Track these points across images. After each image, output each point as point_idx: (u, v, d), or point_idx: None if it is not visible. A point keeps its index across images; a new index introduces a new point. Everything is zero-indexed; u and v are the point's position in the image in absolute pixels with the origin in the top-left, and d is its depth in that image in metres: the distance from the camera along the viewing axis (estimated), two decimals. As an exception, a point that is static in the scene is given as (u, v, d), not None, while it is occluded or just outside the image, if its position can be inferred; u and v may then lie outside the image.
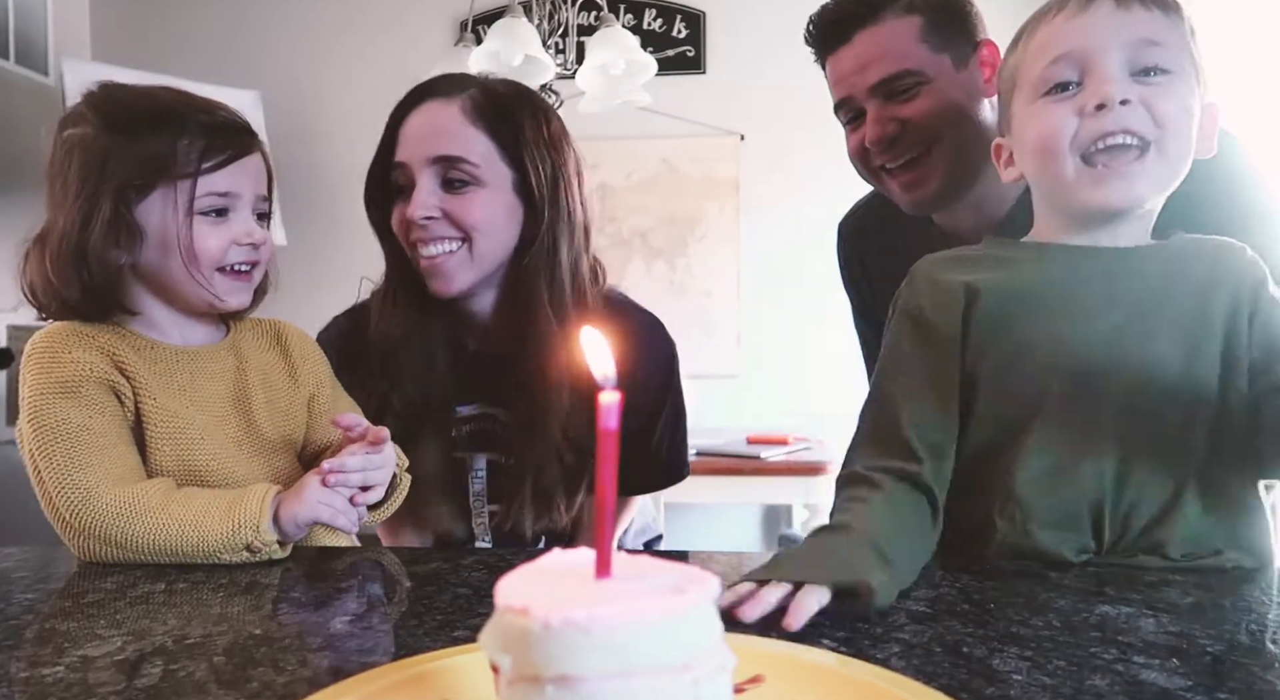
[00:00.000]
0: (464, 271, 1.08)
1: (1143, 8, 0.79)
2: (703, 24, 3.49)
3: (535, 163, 1.08)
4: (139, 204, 0.87)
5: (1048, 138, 0.80)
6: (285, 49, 3.60)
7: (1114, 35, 0.78)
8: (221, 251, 0.89)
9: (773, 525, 3.44)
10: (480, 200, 1.06)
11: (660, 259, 3.45)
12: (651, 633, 0.35)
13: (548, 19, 2.53)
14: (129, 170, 0.86)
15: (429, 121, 1.07)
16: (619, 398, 0.37)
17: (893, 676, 0.50)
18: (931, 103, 1.13)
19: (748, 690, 0.47)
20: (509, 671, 0.36)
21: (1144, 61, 0.78)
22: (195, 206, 0.87)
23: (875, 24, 1.14)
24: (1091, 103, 0.77)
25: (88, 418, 0.84)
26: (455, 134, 1.06)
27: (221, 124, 0.90)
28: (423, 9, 3.56)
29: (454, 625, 0.63)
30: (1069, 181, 0.80)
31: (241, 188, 0.90)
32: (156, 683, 0.53)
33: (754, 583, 0.66)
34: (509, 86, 1.14)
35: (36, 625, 0.65)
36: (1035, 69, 0.81)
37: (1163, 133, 0.77)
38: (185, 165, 0.87)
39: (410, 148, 1.08)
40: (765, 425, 3.13)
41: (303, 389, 1.01)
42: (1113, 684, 0.52)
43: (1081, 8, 0.80)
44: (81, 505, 0.81)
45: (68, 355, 0.85)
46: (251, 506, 0.82)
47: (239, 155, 0.90)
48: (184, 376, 0.91)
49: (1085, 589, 0.72)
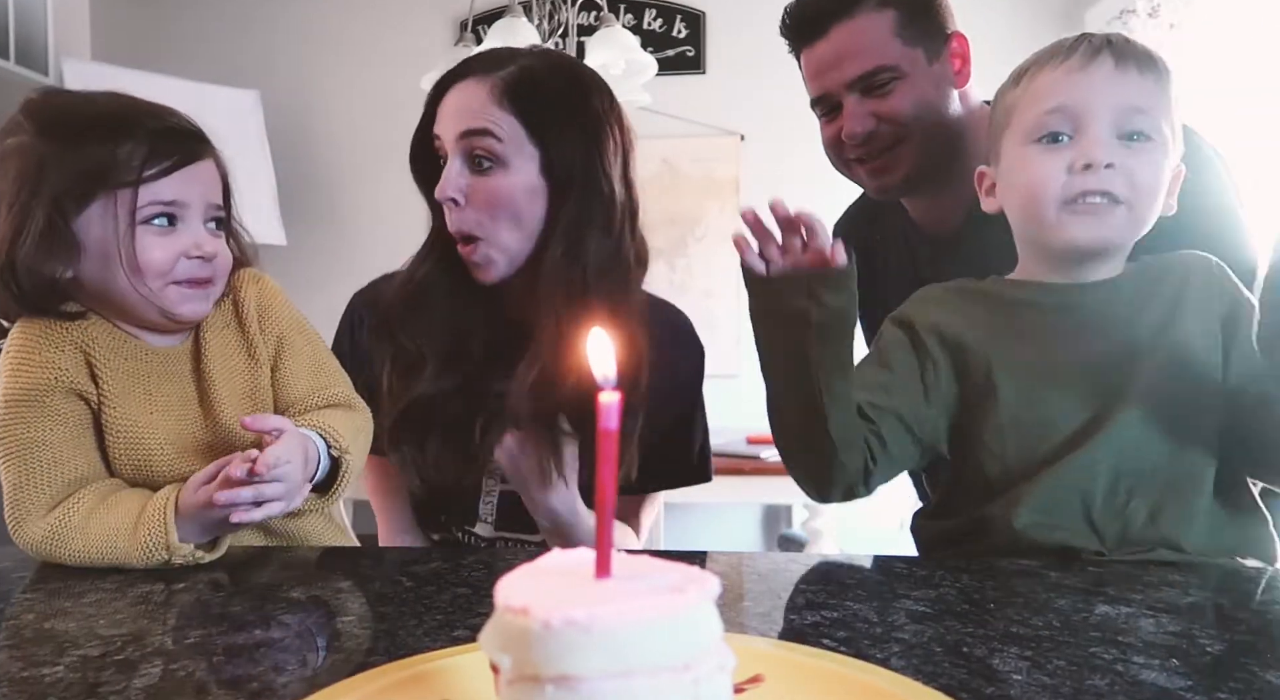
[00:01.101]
0: (496, 261, 1.06)
1: (1138, 71, 0.85)
2: (703, 24, 3.49)
3: (562, 142, 1.05)
4: (78, 215, 0.82)
5: (1037, 187, 0.86)
6: (285, 49, 3.60)
7: (1109, 97, 0.84)
8: (169, 263, 0.84)
9: (773, 525, 3.44)
10: (503, 183, 1.04)
11: (660, 259, 3.41)
12: (651, 633, 0.35)
13: (548, 19, 2.53)
14: (65, 180, 0.81)
15: (461, 98, 1.06)
16: (619, 398, 0.37)
17: (893, 676, 0.50)
18: (906, 99, 1.15)
19: (748, 690, 0.47)
20: (509, 671, 0.36)
21: (1129, 126, 0.84)
22: (139, 216, 0.82)
23: (850, 18, 1.15)
24: (1080, 162, 0.84)
25: (45, 431, 0.82)
26: (480, 112, 1.04)
27: (166, 130, 0.85)
28: (423, 9, 3.56)
29: (454, 625, 0.63)
30: (1051, 226, 0.86)
31: (190, 196, 0.85)
32: (156, 683, 0.53)
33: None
34: (550, 61, 1.11)
35: (36, 625, 0.65)
36: (1031, 113, 0.87)
37: (1136, 196, 0.84)
38: (126, 173, 0.81)
39: (444, 122, 1.07)
40: (765, 425, 3.11)
41: (263, 365, 0.95)
42: (1113, 684, 0.52)
43: (1084, 63, 0.85)
44: (15, 528, 0.81)
45: (37, 357, 0.83)
46: (154, 525, 0.79)
47: (185, 162, 0.85)
48: (151, 380, 0.88)
49: (1085, 589, 0.72)
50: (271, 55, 3.58)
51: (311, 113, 3.56)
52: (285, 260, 2.63)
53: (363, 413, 0.98)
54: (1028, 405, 0.87)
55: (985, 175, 0.95)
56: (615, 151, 1.09)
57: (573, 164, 1.05)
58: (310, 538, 0.96)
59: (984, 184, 0.95)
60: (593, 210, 1.06)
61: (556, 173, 1.05)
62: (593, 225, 1.06)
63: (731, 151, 3.43)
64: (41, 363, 0.83)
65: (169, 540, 0.78)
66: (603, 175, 1.07)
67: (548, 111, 1.05)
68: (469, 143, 1.04)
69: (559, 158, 1.05)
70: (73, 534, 0.80)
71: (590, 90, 1.10)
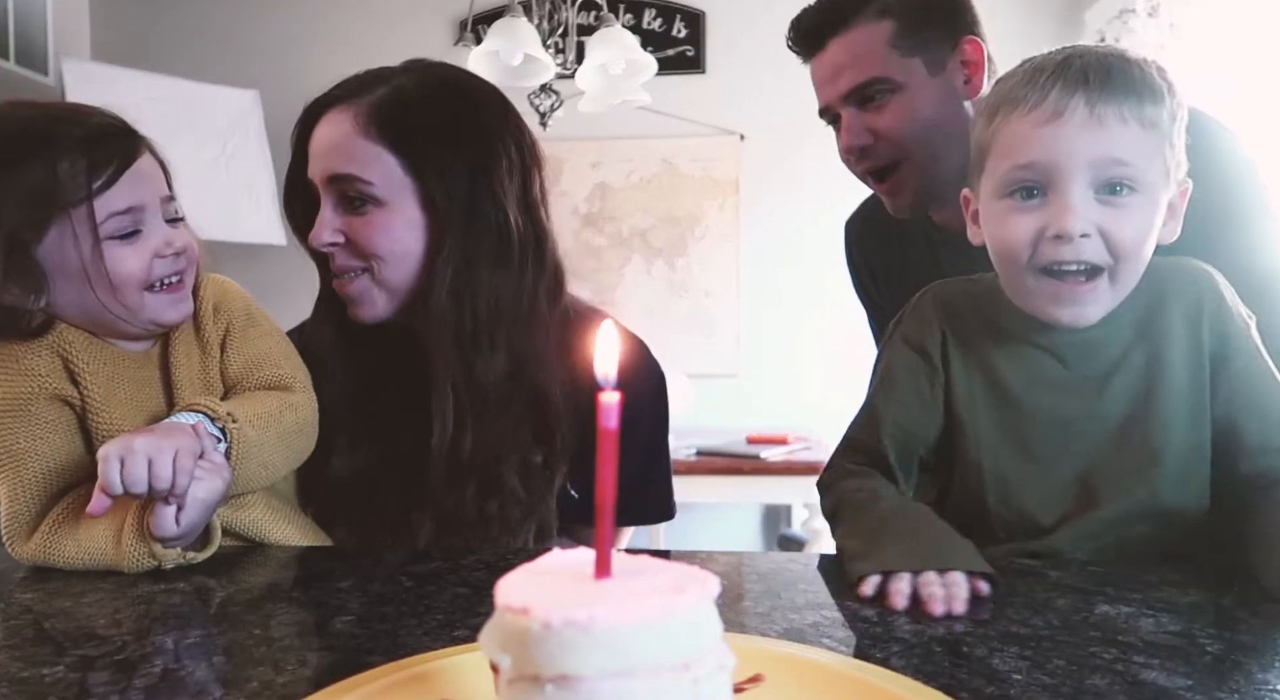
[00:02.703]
0: (376, 298, 0.97)
1: (1117, 121, 0.76)
2: (703, 24, 3.49)
3: (441, 171, 0.94)
4: (38, 244, 0.78)
5: (1008, 248, 0.81)
6: (285, 49, 3.60)
7: (1082, 153, 0.76)
8: (144, 270, 0.82)
9: (773, 525, 3.44)
10: (379, 222, 0.95)
11: (660, 258, 3.45)
12: (651, 632, 0.35)
13: (547, 19, 2.53)
14: (14, 210, 0.77)
15: (326, 134, 0.97)
16: (619, 397, 0.37)
17: (893, 676, 0.50)
18: (900, 116, 1.13)
19: (747, 690, 0.47)
20: (509, 671, 0.36)
21: (1110, 178, 0.77)
22: (101, 232, 0.79)
23: (846, 31, 1.15)
24: (1051, 231, 0.77)
25: (35, 440, 0.82)
26: (345, 149, 0.95)
27: (98, 134, 0.81)
28: (423, 9, 3.56)
29: (454, 625, 0.63)
30: (1028, 291, 0.81)
31: (143, 198, 0.82)
32: (156, 683, 0.53)
33: (877, 573, 0.69)
34: (428, 77, 1.00)
35: (36, 625, 0.65)
36: (1001, 166, 0.80)
37: (1117, 262, 0.78)
38: (73, 191, 0.78)
39: (313, 162, 0.98)
40: (765, 425, 3.13)
41: (214, 357, 0.92)
42: (1113, 684, 0.52)
43: (1053, 115, 0.77)
44: (13, 544, 0.81)
45: (16, 365, 0.82)
46: (133, 539, 0.78)
47: (127, 164, 0.81)
48: (128, 384, 0.87)
49: (1085, 588, 0.72)
50: (271, 55, 3.58)
51: (311, 113, 3.56)
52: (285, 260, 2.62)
53: (301, 393, 0.93)
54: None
55: (970, 201, 0.89)
56: (511, 174, 0.97)
57: (454, 194, 0.94)
58: (268, 533, 0.91)
59: (969, 209, 0.89)
60: (481, 244, 0.95)
61: (437, 205, 0.95)
62: (481, 261, 0.95)
63: (731, 151, 3.43)
64: (21, 370, 0.82)
65: (152, 549, 0.78)
66: (491, 204, 0.95)
67: (421, 138, 0.95)
68: (336, 187, 0.95)
69: (437, 190, 0.94)
70: (64, 541, 0.80)
71: (479, 107, 0.99)
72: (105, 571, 0.79)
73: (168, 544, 0.78)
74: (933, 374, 0.89)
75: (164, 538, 0.77)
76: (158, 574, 0.78)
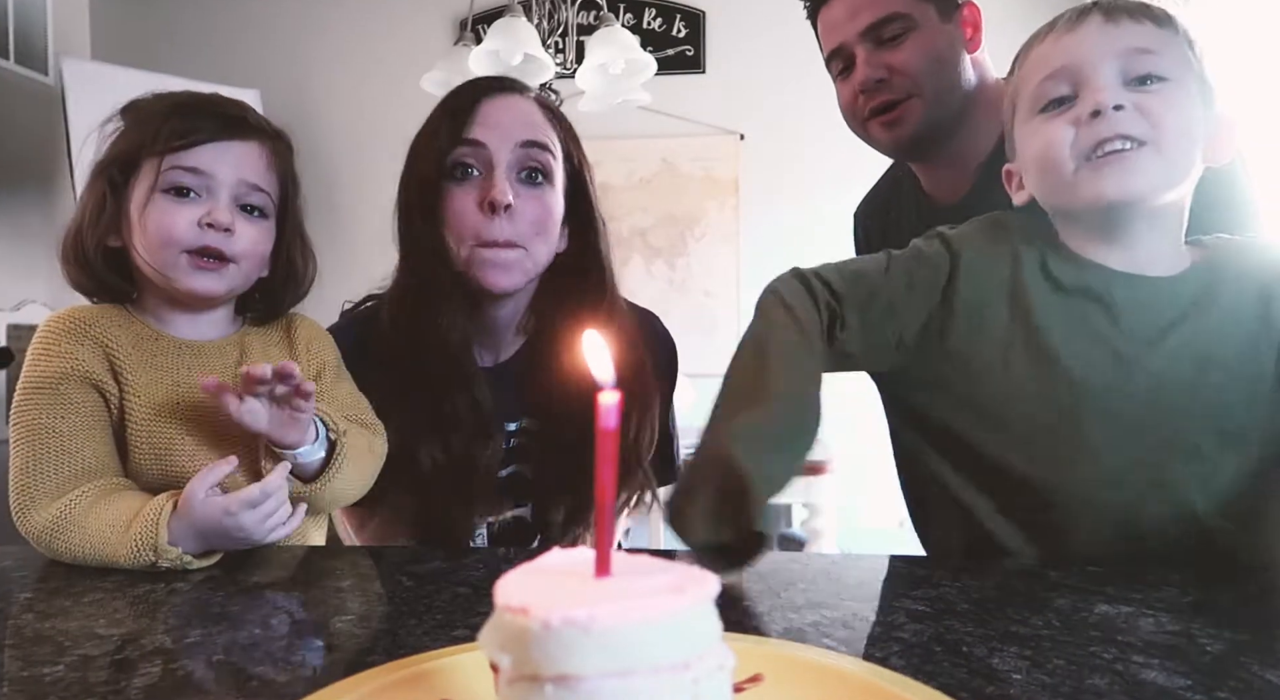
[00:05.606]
0: (519, 269, 1.04)
1: (1132, 20, 0.79)
2: (703, 24, 3.49)
3: (585, 165, 1.11)
4: (125, 187, 0.88)
5: (1048, 150, 0.80)
6: (285, 49, 3.60)
7: (1105, 47, 0.78)
8: (182, 232, 0.85)
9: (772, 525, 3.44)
10: (550, 197, 1.05)
11: (660, 258, 3.45)
12: (651, 632, 0.35)
13: (547, 18, 2.53)
14: (117, 151, 0.88)
15: (515, 108, 1.05)
16: (619, 397, 0.37)
17: (893, 676, 0.50)
18: (916, 51, 1.18)
19: (747, 690, 0.47)
20: (508, 671, 0.36)
21: (1138, 69, 0.78)
22: (161, 182, 0.85)
23: None
24: (1086, 111, 0.77)
25: (57, 418, 0.83)
26: (539, 126, 1.06)
27: (216, 111, 0.89)
28: (423, 9, 3.56)
29: (454, 624, 0.63)
30: (1069, 182, 0.79)
31: (216, 168, 0.87)
32: (156, 682, 0.53)
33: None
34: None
35: (36, 625, 0.65)
36: (1029, 86, 0.83)
37: (1159, 134, 0.76)
38: (159, 142, 0.86)
39: (494, 129, 1.03)
40: (765, 425, 3.13)
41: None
42: (1112, 683, 0.52)
43: (1071, 26, 0.81)
44: (20, 515, 0.82)
45: (57, 348, 0.85)
46: (146, 526, 0.78)
47: (218, 136, 0.88)
48: (181, 371, 0.89)
49: (1085, 588, 0.72)
50: (271, 55, 3.59)
51: (311, 113, 3.56)
52: (285, 260, 2.63)
53: (381, 438, 0.99)
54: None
55: (1012, 174, 0.90)
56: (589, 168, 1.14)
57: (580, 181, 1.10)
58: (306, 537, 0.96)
59: (1013, 183, 0.89)
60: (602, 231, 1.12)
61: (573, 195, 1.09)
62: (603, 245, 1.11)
63: (731, 151, 3.43)
64: (60, 353, 0.85)
65: (158, 540, 0.78)
66: (591, 186, 1.12)
67: (571, 135, 1.10)
68: (527, 153, 1.03)
69: (576, 177, 1.10)
70: (72, 527, 0.80)
71: None
72: (105, 570, 0.79)
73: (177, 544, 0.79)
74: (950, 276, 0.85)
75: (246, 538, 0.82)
76: (158, 574, 0.78)
